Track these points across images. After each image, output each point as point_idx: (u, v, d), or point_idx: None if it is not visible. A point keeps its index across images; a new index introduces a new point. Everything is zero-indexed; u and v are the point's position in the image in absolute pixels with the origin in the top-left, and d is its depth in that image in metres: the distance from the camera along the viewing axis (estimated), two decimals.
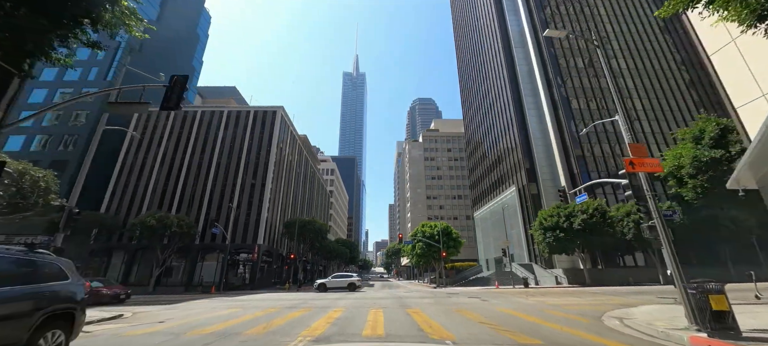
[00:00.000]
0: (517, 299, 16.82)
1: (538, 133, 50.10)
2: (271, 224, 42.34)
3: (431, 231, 42.08)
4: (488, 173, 64.94)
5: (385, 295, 21.95)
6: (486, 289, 32.64)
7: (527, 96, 52.93)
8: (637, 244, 34.68)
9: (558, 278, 37.37)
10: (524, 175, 49.07)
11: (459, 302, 15.04)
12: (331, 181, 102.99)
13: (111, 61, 49.42)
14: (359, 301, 16.70)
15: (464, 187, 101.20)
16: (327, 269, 73.57)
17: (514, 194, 51.37)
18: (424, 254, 42.02)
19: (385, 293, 25.18)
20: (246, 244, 37.61)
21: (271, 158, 42.30)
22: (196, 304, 17.11)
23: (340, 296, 21.05)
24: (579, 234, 32.96)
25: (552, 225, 34.57)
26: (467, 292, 25.14)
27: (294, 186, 53.25)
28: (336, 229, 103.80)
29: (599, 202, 34.51)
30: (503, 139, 57.35)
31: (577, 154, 44.37)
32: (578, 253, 35.30)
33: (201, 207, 40.09)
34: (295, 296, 22.49)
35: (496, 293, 23.09)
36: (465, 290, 31.24)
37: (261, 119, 45.16)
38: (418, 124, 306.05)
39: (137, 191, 41.33)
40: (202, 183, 41.50)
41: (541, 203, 46.25)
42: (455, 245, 41.60)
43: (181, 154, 43.50)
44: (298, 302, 16.31)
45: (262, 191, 40.49)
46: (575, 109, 47.73)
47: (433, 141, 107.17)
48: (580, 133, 18.67)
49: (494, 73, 62.58)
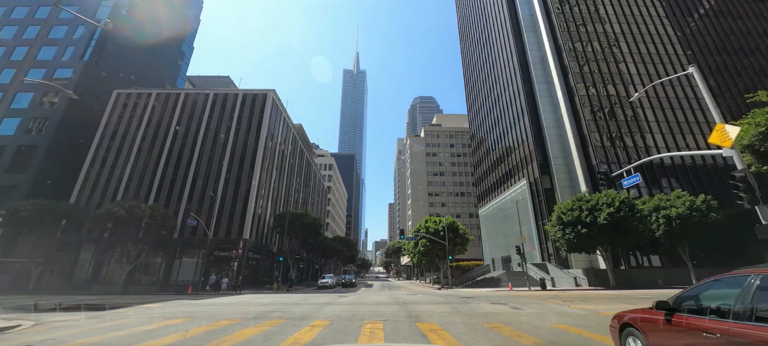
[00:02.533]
0: (554, 305, 13.03)
1: (552, 122, 46.24)
2: (260, 218, 38.52)
3: (436, 226, 38.27)
4: (495, 168, 61.11)
5: (386, 298, 18.16)
6: (499, 291, 28.85)
7: (540, 84, 49.04)
8: (667, 242, 30.98)
9: (577, 279, 33.55)
10: (536, 167, 45.23)
11: (485, 311, 11.25)
12: (329, 176, 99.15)
13: (89, 40, 45.55)
14: (352, 308, 12.89)
15: (467, 184, 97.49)
16: (324, 268, 69.73)
17: (525, 188, 47.54)
18: (427, 252, 38.21)
19: (385, 295, 21.33)
20: (230, 239, 33.80)
21: (260, 145, 38.41)
22: (141, 310, 13.28)
23: (330, 299, 17.22)
24: (604, 230, 29.14)
25: (572, 220, 30.75)
26: (483, 295, 21.34)
27: (287, 178, 49.32)
28: (334, 226, 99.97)
29: (625, 194, 30.64)
30: (513, 131, 53.51)
31: (596, 144, 40.55)
32: (601, 251, 31.47)
33: (181, 198, 36.25)
34: (276, 299, 18.67)
35: (517, 296, 19.28)
36: (477, 292, 27.41)
37: (250, 103, 41.29)
38: (418, 122, 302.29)
39: (111, 179, 37.49)
40: (183, 172, 37.66)
41: (555, 197, 42.45)
42: (462, 241, 37.79)
43: (161, 140, 39.65)
44: (272, 310, 12.49)
45: (250, 180, 36.63)
46: (593, 95, 43.91)
47: (435, 136, 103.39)
48: (631, 99, 14.72)
49: (503, 61, 58.75)
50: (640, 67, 46.70)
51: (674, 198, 32.04)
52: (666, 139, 41.30)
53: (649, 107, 43.68)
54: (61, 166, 36.93)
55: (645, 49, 48.57)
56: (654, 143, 41.23)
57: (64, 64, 43.97)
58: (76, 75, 42.40)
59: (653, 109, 43.57)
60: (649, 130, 42.27)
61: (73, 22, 46.52)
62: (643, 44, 48.98)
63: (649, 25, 50.87)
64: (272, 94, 42.00)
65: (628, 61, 47.30)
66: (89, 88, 43.00)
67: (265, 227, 39.69)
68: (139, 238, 31.79)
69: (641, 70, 46.40)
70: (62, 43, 45.32)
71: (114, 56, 47.56)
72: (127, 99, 41.93)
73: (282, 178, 46.76)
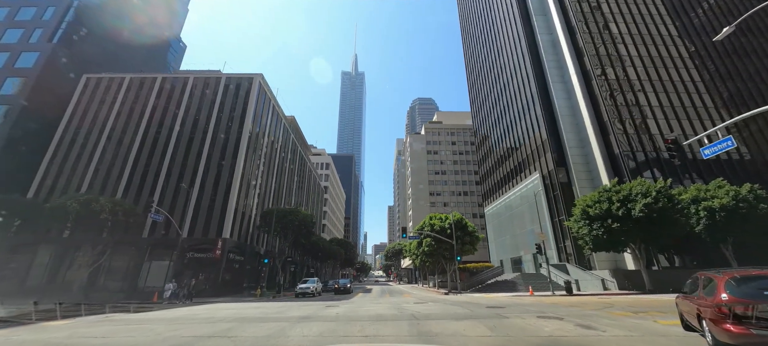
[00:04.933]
0: (629, 320, 8.98)
1: (566, 110, 42.29)
2: (244, 216, 34.30)
3: (441, 224, 34.11)
4: (502, 163, 57.09)
5: (387, 309, 14.06)
6: (521, 296, 24.68)
7: (551, 69, 45.16)
8: (709, 237, 26.97)
9: (605, 282, 29.39)
10: (550, 159, 41.20)
11: (542, 333, 7.14)
12: (326, 176, 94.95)
13: (60, 22, 41.48)
14: (337, 327, 8.77)
15: (470, 183, 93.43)
16: (320, 272, 65.34)
17: (537, 182, 43.48)
18: (432, 253, 34.01)
19: (385, 304, 17.14)
20: (208, 238, 29.57)
21: (244, 134, 34.23)
22: (35, 330, 9.09)
23: (311, 312, 13.03)
24: (640, 224, 25.07)
25: (601, 213, 26.71)
26: (510, 303, 17.20)
27: (278, 173, 45.06)
28: (331, 228, 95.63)
29: (661, 183, 26.59)
30: (522, 121, 49.54)
31: (618, 131, 36.58)
32: (633, 249, 27.36)
33: (154, 193, 32.03)
34: (239, 312, 14.41)
35: (555, 304, 15.16)
36: (498, 299, 23.20)
37: (234, 89, 37.16)
38: (418, 124, 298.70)
39: (75, 172, 33.29)
40: (156, 164, 33.47)
41: (573, 191, 38.43)
42: (472, 240, 33.65)
43: (133, 129, 35.49)
44: (213, 334, 8.30)
45: (232, 173, 32.44)
46: (612, 79, 40.02)
47: (436, 133, 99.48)
48: (714, 40, 10.67)
49: (510, 47, 54.96)
50: (666, 44, 42.77)
51: (714, 188, 28.08)
52: (705, 125, 37.12)
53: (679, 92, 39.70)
54: (18, 158, 32.73)
55: (664, 32, 44.63)
56: (692, 131, 37.09)
57: (31, 47, 39.92)
58: (41, 60, 38.32)
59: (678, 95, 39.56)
60: (683, 116, 38.19)
61: (43, 3, 42.59)
62: (666, 21, 45.13)
63: None
64: (259, 78, 37.89)
65: (647, 38, 43.38)
66: (58, 73, 38.89)
67: (251, 226, 35.45)
68: (103, 237, 27.53)
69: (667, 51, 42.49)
70: (29, 26, 41.30)
71: (88, 43, 43.55)
72: (97, 84, 37.81)
73: (271, 173, 42.49)
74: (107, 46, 46.44)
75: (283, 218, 32.67)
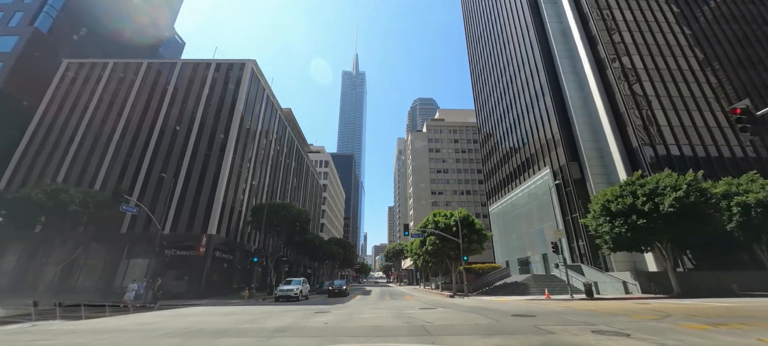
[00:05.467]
0: (717, 336, 6.45)
1: (578, 101, 39.81)
2: (234, 211, 31.79)
3: (446, 221, 31.59)
4: (508, 159, 54.55)
5: (388, 315, 11.60)
6: (535, 300, 22.13)
7: (562, 59, 42.70)
8: (743, 236, 24.49)
9: (627, 285, 26.80)
10: (562, 153, 38.68)
11: None
12: (325, 174, 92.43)
13: (40, 7, 39.13)
14: (320, 344, 6.18)
15: (473, 181, 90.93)
16: (317, 273, 62.74)
17: (548, 178, 40.94)
18: (436, 252, 31.47)
19: (386, 309, 14.62)
20: (192, 234, 27.06)
21: (233, 123, 31.73)
22: None
23: (291, 322, 10.49)
24: (669, 221, 22.54)
25: (624, 209, 24.19)
26: (539, 310, 14.68)
27: (272, 167, 42.48)
28: (330, 228, 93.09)
29: (690, 176, 24.06)
30: (530, 115, 47.04)
31: (637, 123, 34.05)
32: (661, 249, 24.81)
33: (135, 184, 29.56)
34: (201, 319, 11.88)
35: (588, 312, 12.64)
36: (510, 302, 20.66)
37: (224, 76, 34.67)
38: (418, 124, 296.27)
39: (51, 162, 30.84)
40: (138, 154, 31.00)
41: (586, 186, 35.92)
42: (479, 239, 31.11)
43: (115, 117, 33.04)
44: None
45: (220, 165, 29.94)
46: (629, 67, 37.53)
47: (438, 131, 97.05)
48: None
49: (517, 38, 52.55)
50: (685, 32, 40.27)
51: (746, 182, 25.64)
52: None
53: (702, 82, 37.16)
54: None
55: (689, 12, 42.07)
56: (715, 123, 34.62)
57: (10, 31, 37.56)
58: (21, 44, 35.96)
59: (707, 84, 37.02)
60: (706, 106, 35.64)
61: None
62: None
63: None
64: (251, 64, 35.42)
65: (671, 24, 40.91)
66: (38, 59, 36.47)
67: (241, 223, 32.92)
68: (78, 233, 25.02)
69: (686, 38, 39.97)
70: (9, 9, 38.94)
71: (75, 32, 41.17)
72: (78, 70, 35.39)
73: (264, 167, 39.93)
74: (97, 36, 44.05)
75: (275, 213, 30.15)
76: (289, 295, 22.05)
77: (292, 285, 23.18)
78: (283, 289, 22.63)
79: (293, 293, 22.18)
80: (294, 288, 22.68)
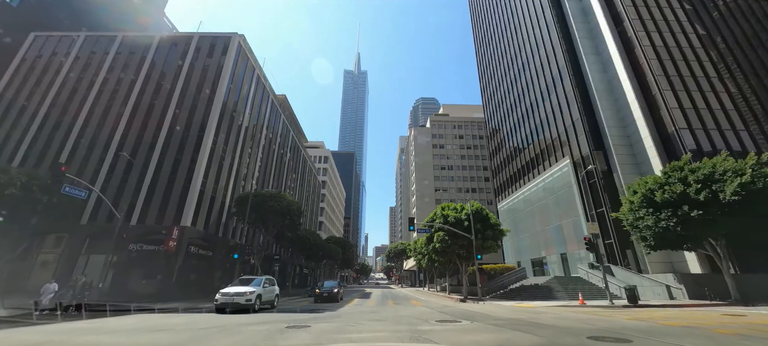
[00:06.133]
0: None
1: (602, 85, 35.99)
2: (214, 201, 27.95)
3: (457, 215, 27.72)
4: (520, 152, 50.66)
5: (394, 330, 7.95)
6: (567, 306, 18.25)
7: (583, 39, 38.93)
8: None
9: (671, 289, 22.85)
10: (585, 141, 34.82)
11: None
12: (324, 170, 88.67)
13: None
14: None
15: (479, 179, 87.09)
16: (315, 273, 58.87)
17: (568, 169, 37.07)
18: (445, 250, 27.57)
19: (390, 322, 10.82)
20: (163, 226, 23.32)
21: (215, 103, 27.86)
22: None
23: (261, 339, 6.68)
24: (731, 212, 18.66)
25: (672, 198, 20.34)
26: (597, 323, 10.78)
27: (263, 156, 38.55)
28: (329, 226, 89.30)
29: (751, 158, 20.14)
30: (547, 102, 43.18)
31: (672, 106, 30.11)
32: (716, 246, 20.91)
33: (100, 168, 25.87)
34: (131, 330, 8.19)
35: (677, 327, 8.78)
36: (541, 309, 16.76)
37: (207, 51, 30.88)
38: (420, 124, 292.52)
39: (8, 143, 27.14)
40: (106, 136, 27.29)
41: (613, 178, 32.04)
42: (495, 235, 27.26)
43: (83, 94, 29.36)
44: None
45: (198, 148, 26.11)
46: (660, 46, 33.64)
47: (442, 126, 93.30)
48: None
49: (530, 20, 48.79)
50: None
51: None
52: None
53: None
54: None
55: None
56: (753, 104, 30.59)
57: None
58: None
59: None
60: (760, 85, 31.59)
61: None
62: None
63: None
64: (238, 39, 31.63)
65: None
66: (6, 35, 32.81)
67: (224, 215, 29.11)
68: (31, 223, 21.27)
69: None
70: None
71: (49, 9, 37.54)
72: (44, 44, 31.78)
73: (254, 154, 36.03)
74: (74, 14, 40.37)
75: (262, 204, 26.36)
76: (236, 302, 14.39)
77: (243, 287, 15.64)
78: (228, 293, 14.88)
79: (244, 300, 14.55)
80: (245, 291, 14.96)
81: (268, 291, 17.20)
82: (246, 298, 14.73)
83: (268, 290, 17.03)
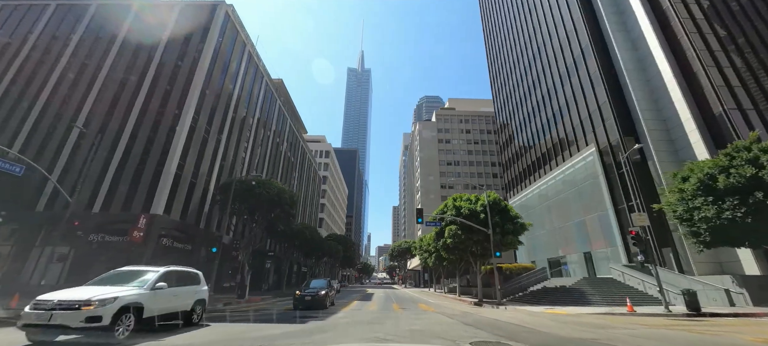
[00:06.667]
0: None
1: (632, 63, 32.25)
2: (195, 188, 24.55)
3: (471, 206, 24.06)
4: (534, 142, 46.93)
5: None
6: (611, 314, 14.63)
7: (609, 14, 35.15)
8: None
9: (730, 293, 19.08)
10: (613, 127, 31.12)
11: None
12: (326, 165, 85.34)
13: None
14: None
15: (487, 175, 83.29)
16: (313, 272, 55.51)
17: (593, 159, 33.38)
18: (458, 246, 23.96)
19: (397, 340, 7.21)
20: (130, 214, 19.97)
21: (196, 77, 24.46)
22: None
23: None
24: None
25: (740, 184, 16.59)
26: None
27: (254, 141, 34.95)
28: (330, 223, 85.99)
29: None
30: (566, 86, 39.46)
31: (718, 84, 26.28)
32: None
33: (62, 148, 22.63)
34: None
35: None
36: (580, 316, 13.15)
37: (190, 20, 27.40)
38: None
39: None
40: (72, 111, 24.05)
41: (648, 167, 28.30)
42: (515, 229, 23.67)
43: (49, 66, 26.09)
44: None
45: (173, 127, 22.73)
46: (699, 18, 29.82)
47: (448, 121, 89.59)
48: None
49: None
50: None
51: None
52: None
53: None
54: None
55: None
56: None
57: None
58: None
59: None
60: None
61: None
62: None
63: None
64: (226, 8, 28.25)
65: None
66: None
67: (206, 204, 25.72)
68: None
69: None
70: None
71: None
72: (11, 13, 28.62)
73: (243, 139, 32.49)
74: None
75: (248, 192, 22.98)
76: (60, 325, 6.52)
77: (88, 289, 7.62)
78: (38, 301, 6.83)
79: (76, 323, 6.57)
80: (75, 299, 6.86)
81: (169, 295, 8.84)
82: (76, 320, 6.58)
83: (165, 293, 8.68)
